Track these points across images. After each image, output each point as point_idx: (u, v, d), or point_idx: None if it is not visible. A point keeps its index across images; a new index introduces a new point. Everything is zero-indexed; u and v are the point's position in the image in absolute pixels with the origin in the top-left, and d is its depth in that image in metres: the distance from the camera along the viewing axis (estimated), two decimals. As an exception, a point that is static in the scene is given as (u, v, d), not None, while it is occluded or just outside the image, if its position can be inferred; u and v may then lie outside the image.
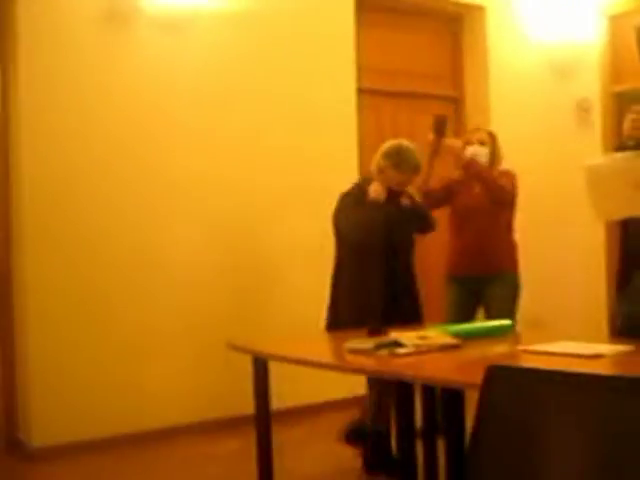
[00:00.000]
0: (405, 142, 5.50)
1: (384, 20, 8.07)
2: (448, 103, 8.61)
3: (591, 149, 8.07)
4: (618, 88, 8.34)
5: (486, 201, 5.87)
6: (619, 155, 3.95)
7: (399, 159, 5.36)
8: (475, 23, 8.49)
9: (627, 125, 4.01)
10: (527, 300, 6.18)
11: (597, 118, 8.52)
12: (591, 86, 8.57)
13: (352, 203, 5.40)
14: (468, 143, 6.02)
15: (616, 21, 8.07)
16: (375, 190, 5.32)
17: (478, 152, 5.93)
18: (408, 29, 8.28)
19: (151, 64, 6.40)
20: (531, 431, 1.27)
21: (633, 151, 3.83)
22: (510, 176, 6.02)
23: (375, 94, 7.95)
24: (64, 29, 6.12)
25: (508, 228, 6.09)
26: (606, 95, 8.50)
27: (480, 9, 8.40)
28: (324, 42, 7.31)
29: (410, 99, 8.27)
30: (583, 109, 8.49)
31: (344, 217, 5.43)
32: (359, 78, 7.59)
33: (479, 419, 1.34)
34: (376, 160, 5.47)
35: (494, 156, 6.05)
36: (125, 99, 6.33)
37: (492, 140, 6.10)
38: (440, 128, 5.87)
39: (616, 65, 8.46)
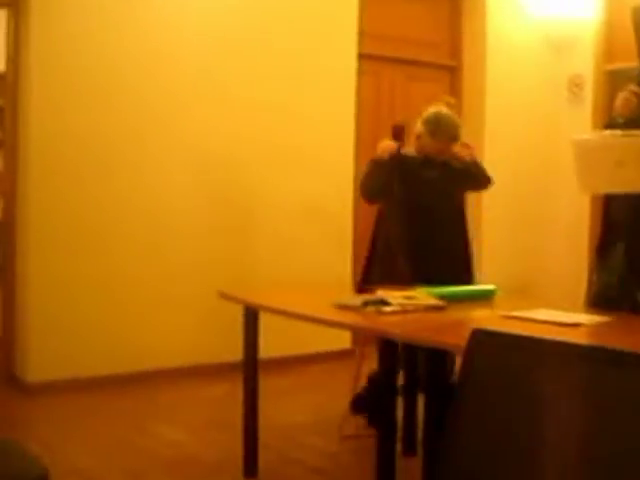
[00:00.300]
0: (445, 110, 5.23)
1: (387, -13, 8.07)
2: (445, 71, 8.63)
3: (581, 125, 8.08)
4: (611, 66, 8.34)
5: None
6: (607, 132, 3.98)
7: (436, 127, 5.11)
8: (475, -5, 8.50)
9: (619, 103, 4.05)
10: (513, 268, 6.23)
11: (589, 94, 8.53)
12: (585, 63, 8.57)
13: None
14: None
15: (613, 0, 8.07)
16: (381, 147, 5.24)
17: None
18: (410, -4, 8.28)
19: (158, 22, 6.41)
20: (511, 395, 1.31)
21: (620, 129, 3.85)
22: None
23: (375, 59, 7.93)
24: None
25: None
26: (599, 72, 8.49)
27: (480, -20, 8.40)
28: (328, 6, 7.31)
29: (409, 66, 8.28)
30: (575, 85, 8.50)
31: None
32: (360, 43, 7.58)
33: (462, 380, 1.38)
34: (416, 125, 5.26)
35: None
36: (134, 44, 6.35)
37: (451, 110, 5.59)
38: (398, 136, 5.69)
39: (610, 43, 8.45)
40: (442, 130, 5.10)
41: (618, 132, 3.87)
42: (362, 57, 7.64)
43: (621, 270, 4.23)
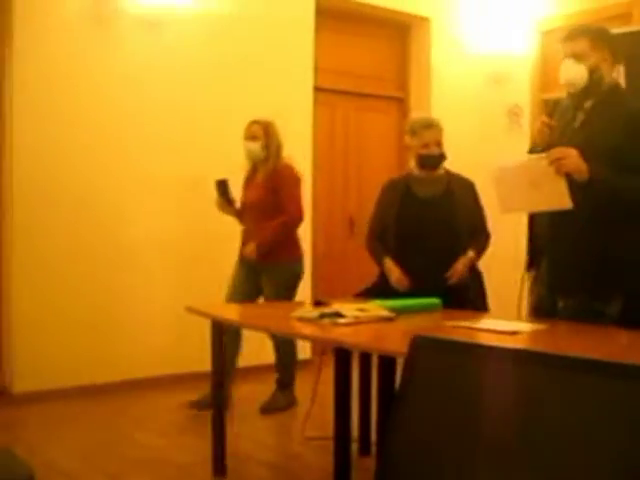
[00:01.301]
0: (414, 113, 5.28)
1: (340, 26, 8.14)
2: (393, 102, 8.70)
3: (520, 149, 8.12)
4: (546, 96, 8.42)
5: (263, 197, 5.83)
6: (524, 157, 4.06)
7: (410, 126, 5.05)
8: (420, 32, 8.58)
9: (534, 133, 4.11)
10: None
11: (526, 122, 8.61)
12: (522, 93, 8.66)
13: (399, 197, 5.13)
14: (245, 138, 5.93)
15: (547, 36, 8.18)
16: (396, 279, 4.97)
17: (250, 148, 5.90)
18: (362, 35, 8.36)
19: (131, 58, 6.45)
20: (447, 394, 1.34)
21: (535, 154, 3.93)
22: (288, 169, 5.93)
23: (329, 92, 8.02)
24: (55, 27, 6.16)
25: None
26: (535, 102, 8.59)
27: (425, 20, 8.48)
28: (287, 44, 7.38)
29: (361, 98, 8.36)
30: (514, 114, 8.60)
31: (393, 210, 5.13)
32: (316, 77, 7.67)
33: (403, 382, 1.42)
34: (405, 141, 5.15)
35: (269, 149, 5.88)
36: (107, 88, 6.37)
37: (266, 133, 5.88)
38: (223, 191, 5.89)
39: (545, 75, 8.54)
40: (415, 124, 5.04)
41: (532, 156, 3.95)
42: (318, 90, 7.71)
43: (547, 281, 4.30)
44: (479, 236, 4.94)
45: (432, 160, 5.03)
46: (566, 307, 4.12)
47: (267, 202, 5.82)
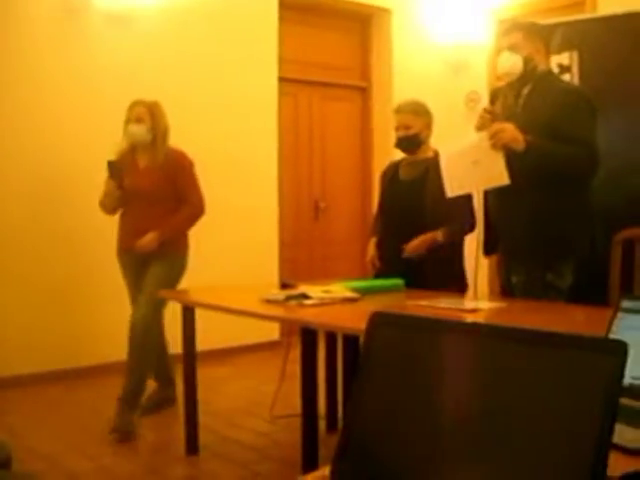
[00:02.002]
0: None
1: (304, 18, 8.13)
2: (356, 92, 8.71)
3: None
4: (502, 83, 8.47)
5: (161, 184, 5.22)
6: (465, 140, 4.18)
7: (397, 106, 5.13)
8: (382, 23, 8.59)
9: (476, 122, 4.22)
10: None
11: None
12: (479, 81, 8.69)
13: (387, 179, 5.23)
14: (127, 121, 5.21)
15: (503, 25, 8.20)
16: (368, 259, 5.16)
17: (134, 131, 5.17)
18: (324, 26, 8.35)
19: (98, 52, 6.42)
20: (404, 367, 1.35)
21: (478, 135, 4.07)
22: (182, 156, 5.38)
23: (293, 83, 8.01)
24: (25, 22, 6.12)
25: (173, 211, 5.26)
26: (491, 89, 8.64)
27: (387, 11, 8.49)
28: (251, 36, 7.36)
29: (324, 88, 8.36)
30: (471, 100, 8.62)
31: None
32: (280, 68, 7.66)
33: (362, 359, 1.42)
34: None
35: (156, 132, 5.23)
36: (74, 82, 6.34)
37: (152, 114, 5.22)
38: (115, 173, 5.15)
39: (501, 64, 8.59)
40: (401, 105, 5.10)
41: (474, 137, 4.09)
42: (282, 80, 7.70)
43: None
44: (452, 220, 4.83)
45: (400, 143, 5.09)
46: (519, 282, 4.22)
47: (165, 190, 5.23)
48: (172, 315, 4.91)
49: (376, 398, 1.35)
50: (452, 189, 4.09)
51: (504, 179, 3.85)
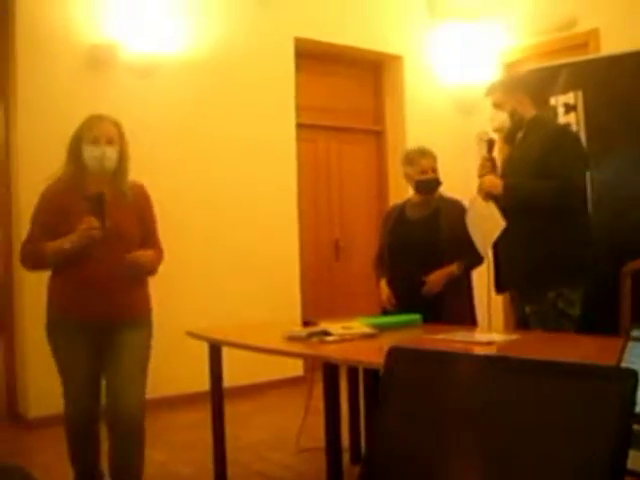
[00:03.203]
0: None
1: (319, 66, 8.18)
2: (371, 135, 8.73)
3: (489, 173, 8.19)
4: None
5: (135, 225, 4.01)
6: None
7: (406, 156, 5.14)
8: (394, 69, 8.63)
9: (478, 170, 4.30)
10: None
11: (495, 153, 8.63)
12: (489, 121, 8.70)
13: (393, 220, 5.23)
14: (93, 141, 3.93)
15: (511, 67, 8.21)
16: (386, 298, 5.11)
17: (109, 156, 3.95)
18: (339, 74, 8.40)
19: (125, 103, 6.45)
20: (424, 400, 1.35)
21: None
22: (144, 189, 4.23)
23: (311, 128, 8.04)
24: (55, 75, 6.21)
25: None
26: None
27: (398, 58, 8.54)
28: (269, 85, 7.42)
29: (340, 132, 8.39)
30: (483, 140, 8.61)
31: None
32: (298, 115, 7.70)
33: (382, 392, 1.41)
34: (403, 171, 5.18)
35: (123, 157, 4.05)
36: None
37: (120, 135, 4.07)
38: (98, 208, 3.78)
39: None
40: (409, 154, 5.11)
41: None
42: (300, 126, 7.73)
43: None
44: (466, 253, 4.73)
45: (429, 185, 5.10)
46: (532, 312, 4.24)
47: (138, 233, 4.08)
48: (199, 353, 4.89)
49: (395, 428, 1.35)
50: (482, 249, 4.09)
51: (501, 224, 3.91)
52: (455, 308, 4.87)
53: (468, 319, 4.85)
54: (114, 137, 3.99)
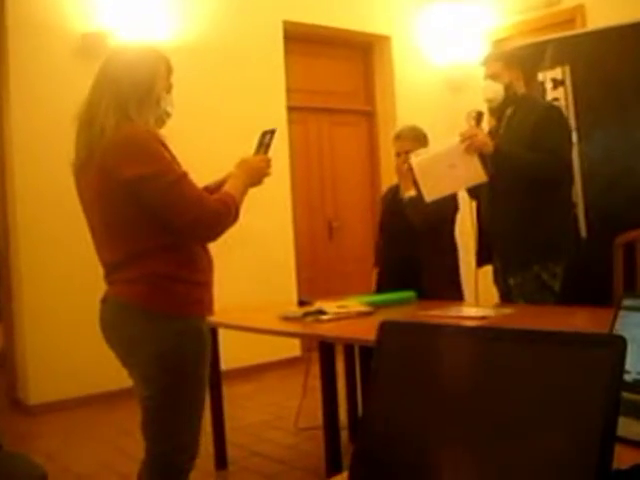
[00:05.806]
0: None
1: (308, 49, 8.15)
2: (362, 116, 8.71)
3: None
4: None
5: None
6: (439, 147, 4.27)
7: (396, 132, 5.10)
8: (383, 50, 8.60)
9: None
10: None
11: (485, 125, 8.62)
12: (479, 98, 8.68)
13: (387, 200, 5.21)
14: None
15: (499, 44, 8.19)
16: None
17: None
18: (328, 56, 8.37)
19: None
20: (414, 370, 1.34)
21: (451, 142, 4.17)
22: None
23: (301, 110, 8.01)
24: (46, 64, 6.19)
25: None
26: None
27: (387, 38, 8.52)
28: (259, 69, 7.39)
29: (331, 113, 8.36)
30: (472, 117, 8.60)
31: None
32: (288, 97, 7.67)
33: (374, 366, 1.41)
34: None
35: None
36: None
37: None
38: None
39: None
40: (402, 132, 5.06)
41: (448, 144, 4.23)
42: (291, 109, 7.70)
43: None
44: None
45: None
46: (516, 284, 4.27)
47: None
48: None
49: (388, 403, 1.34)
50: (430, 194, 4.17)
51: (482, 176, 4.02)
52: (439, 283, 4.73)
53: (453, 295, 4.77)
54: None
